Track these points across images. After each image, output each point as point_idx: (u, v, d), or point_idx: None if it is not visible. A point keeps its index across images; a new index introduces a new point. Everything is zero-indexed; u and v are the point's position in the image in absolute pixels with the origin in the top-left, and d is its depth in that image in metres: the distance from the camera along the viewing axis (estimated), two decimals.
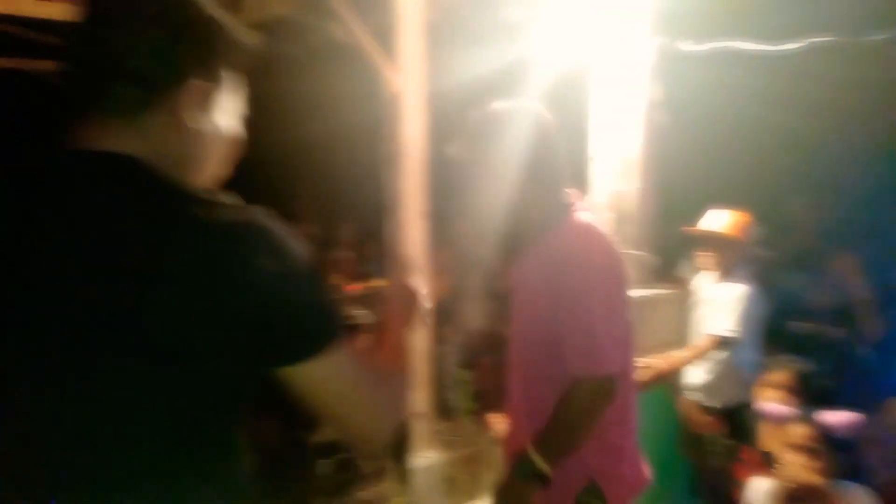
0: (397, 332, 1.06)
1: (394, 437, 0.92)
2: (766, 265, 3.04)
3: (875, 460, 2.40)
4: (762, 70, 3.11)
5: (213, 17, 0.81)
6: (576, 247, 1.38)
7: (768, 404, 2.37)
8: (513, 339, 1.56)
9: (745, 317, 2.70)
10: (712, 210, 2.87)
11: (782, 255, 3.30)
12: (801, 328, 3.14)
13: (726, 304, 2.72)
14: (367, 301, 3.90)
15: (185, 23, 0.79)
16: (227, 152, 0.88)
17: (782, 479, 1.97)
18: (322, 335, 0.79)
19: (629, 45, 2.63)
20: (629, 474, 1.51)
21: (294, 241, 0.78)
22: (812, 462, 1.90)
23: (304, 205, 5.94)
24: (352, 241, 5.76)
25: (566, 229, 1.40)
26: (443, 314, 3.82)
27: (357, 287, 4.68)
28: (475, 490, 3.25)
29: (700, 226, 2.86)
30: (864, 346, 3.04)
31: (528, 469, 1.36)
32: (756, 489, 2.09)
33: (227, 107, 0.86)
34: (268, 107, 0.97)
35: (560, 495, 1.42)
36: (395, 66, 3.46)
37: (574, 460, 1.41)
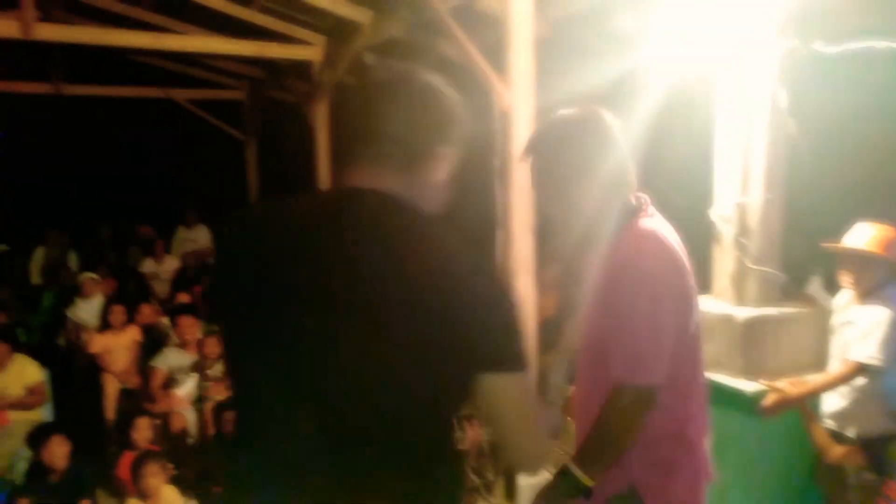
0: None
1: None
2: None
3: None
4: None
5: (458, 107, 1.11)
6: (629, 253, 1.37)
7: None
8: (581, 346, 1.56)
9: (889, 342, 2.46)
10: (857, 224, 2.63)
11: None
12: None
13: (869, 327, 2.49)
14: None
15: (442, 111, 1.09)
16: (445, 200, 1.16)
17: None
18: (522, 356, 1.01)
19: (754, 49, 2.50)
20: (680, 490, 1.46)
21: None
22: None
23: None
24: None
25: (626, 235, 1.40)
26: (549, 329, 3.78)
27: None
28: None
29: (842, 242, 2.64)
30: None
31: (570, 483, 1.36)
32: None
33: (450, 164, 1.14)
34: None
35: (596, 497, 1.40)
36: (505, 82, 3.50)
37: (618, 468, 1.40)
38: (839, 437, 2.63)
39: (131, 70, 7.41)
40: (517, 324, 1.01)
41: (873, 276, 2.55)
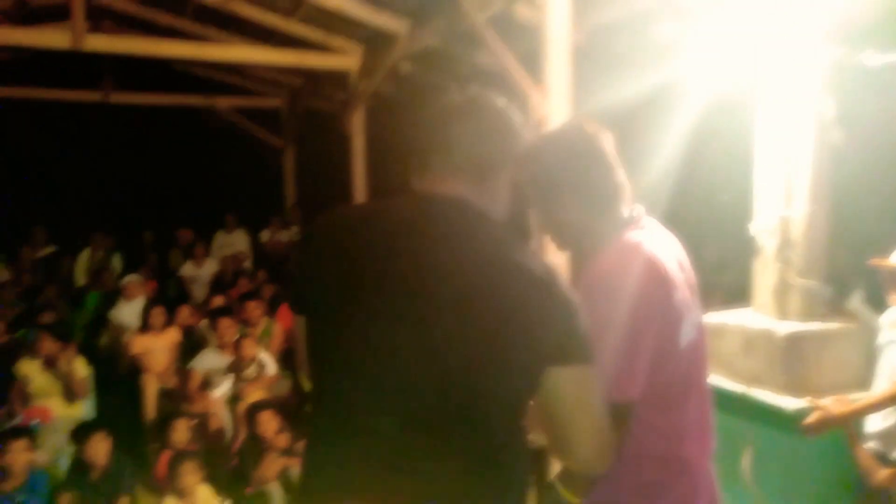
0: None
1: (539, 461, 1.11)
2: None
3: None
4: None
5: (523, 128, 1.22)
6: (606, 266, 1.35)
7: None
8: None
9: None
10: None
11: None
12: None
13: None
14: None
15: (511, 134, 1.19)
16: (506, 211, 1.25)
17: None
18: (587, 349, 1.09)
19: (799, 57, 2.45)
20: None
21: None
22: None
23: None
24: None
25: (610, 249, 1.38)
26: None
27: None
28: None
29: (889, 258, 2.55)
30: None
31: (556, 500, 1.37)
32: None
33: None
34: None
35: None
36: (541, 92, 3.49)
37: (605, 487, 1.37)
38: (884, 459, 2.54)
39: (175, 79, 7.62)
40: (580, 320, 1.09)
41: None
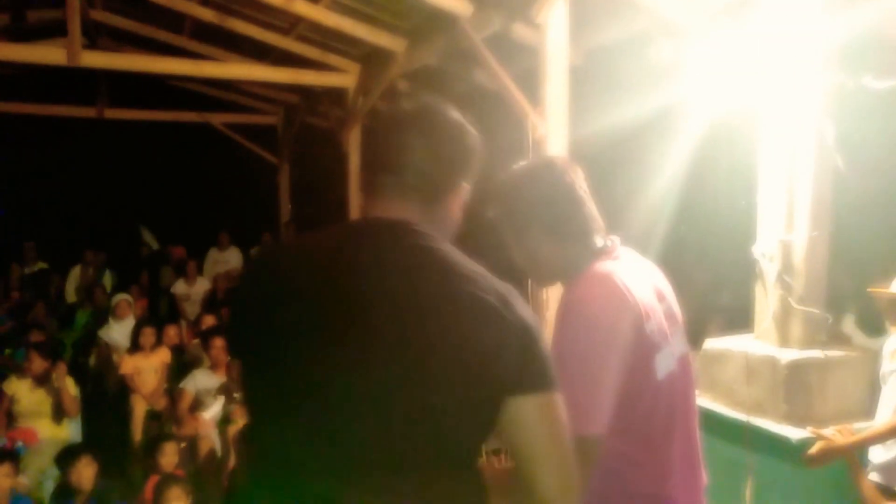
0: None
1: None
2: None
3: None
4: None
5: (478, 141, 1.13)
6: (574, 298, 1.35)
7: None
8: None
9: None
10: None
11: None
12: None
13: None
14: None
15: (465, 146, 1.11)
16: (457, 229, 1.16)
17: None
18: (548, 376, 1.00)
19: (800, 81, 2.43)
20: None
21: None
22: None
23: None
24: None
25: (580, 280, 1.38)
26: None
27: None
28: None
29: (891, 287, 2.52)
30: None
31: None
32: None
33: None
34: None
35: None
36: (539, 112, 3.48)
37: None
38: (887, 491, 2.48)
39: (170, 95, 7.61)
40: (542, 345, 1.00)
41: None
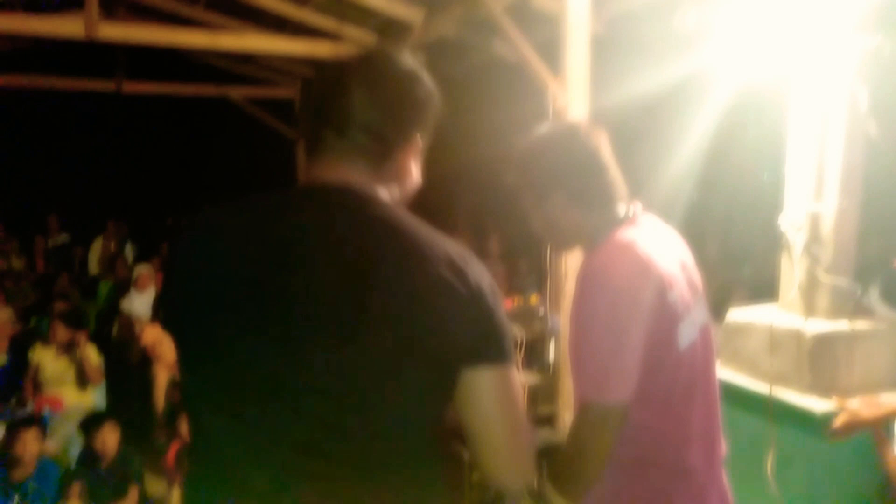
0: None
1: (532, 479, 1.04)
2: None
3: None
4: None
5: (432, 88, 1.02)
6: (596, 265, 1.33)
7: None
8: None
9: None
10: None
11: None
12: None
13: None
14: (518, 317, 3.86)
15: (417, 95, 1.01)
16: (416, 187, 1.08)
17: None
18: (503, 347, 0.94)
19: (832, 45, 2.35)
20: None
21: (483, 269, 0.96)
22: None
23: (459, 218, 6.06)
24: (503, 254, 5.75)
25: (601, 247, 1.35)
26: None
27: (508, 302, 4.65)
28: None
29: None
30: None
31: None
32: None
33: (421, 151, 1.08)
34: (436, 126, 1.11)
35: None
36: (560, 82, 3.41)
37: (606, 494, 1.34)
38: None
39: (188, 69, 7.60)
40: (498, 315, 0.93)
41: None
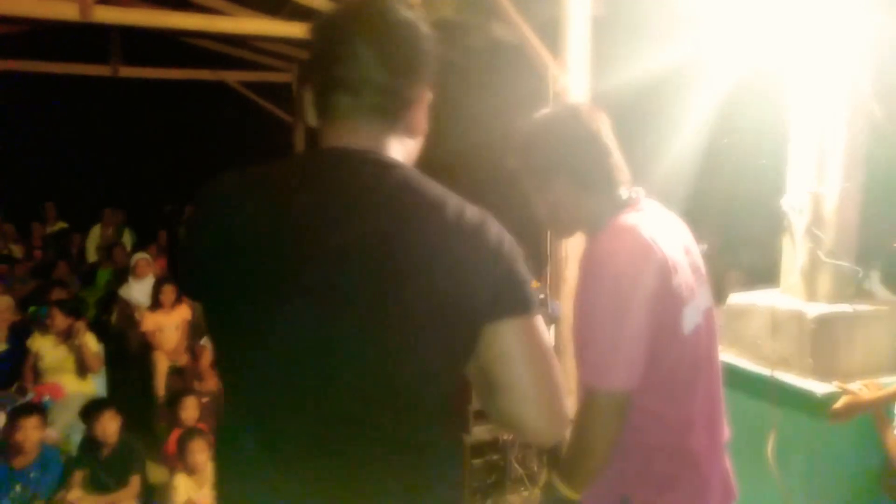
0: None
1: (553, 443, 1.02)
2: None
3: None
4: None
5: (432, 39, 1.00)
6: (599, 251, 1.32)
7: None
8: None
9: None
10: None
11: None
12: None
13: None
14: None
15: (422, 48, 0.99)
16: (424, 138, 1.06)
17: None
18: (526, 299, 0.94)
19: (835, 26, 2.32)
20: None
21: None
22: None
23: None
24: None
25: (604, 232, 1.34)
26: None
27: None
28: None
29: None
30: None
31: (556, 497, 1.31)
32: None
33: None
34: (434, 109, 1.08)
35: None
36: (560, 63, 3.37)
37: (611, 480, 1.33)
38: None
39: (184, 53, 7.52)
40: (519, 267, 0.94)
41: None
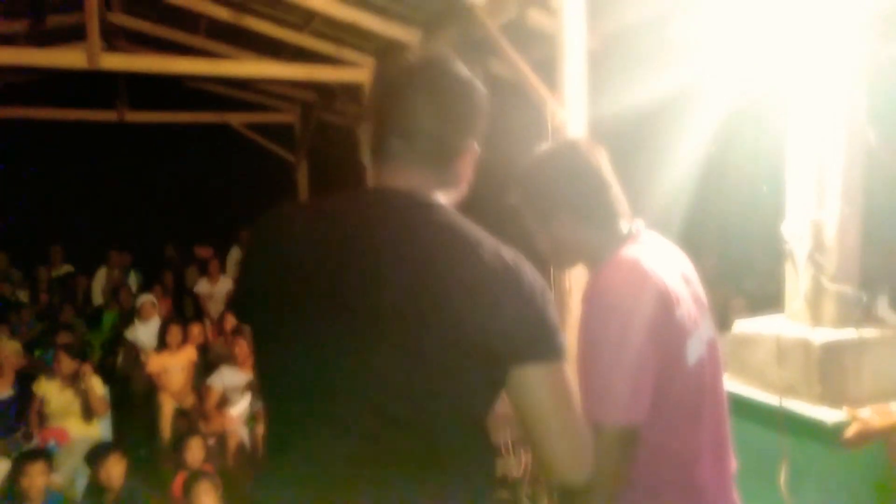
0: None
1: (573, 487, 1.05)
2: None
3: None
4: None
5: (484, 95, 1.07)
6: (601, 284, 1.32)
7: None
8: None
9: None
10: None
11: None
12: None
13: None
14: None
15: (473, 102, 1.06)
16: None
17: None
18: (556, 344, 0.98)
19: (831, 52, 2.36)
20: None
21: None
22: None
23: None
24: None
25: (606, 266, 1.35)
26: None
27: None
28: None
29: None
30: None
31: None
32: None
33: None
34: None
35: None
36: (557, 98, 3.43)
37: None
38: None
39: (189, 97, 7.67)
40: (550, 312, 0.98)
41: None
